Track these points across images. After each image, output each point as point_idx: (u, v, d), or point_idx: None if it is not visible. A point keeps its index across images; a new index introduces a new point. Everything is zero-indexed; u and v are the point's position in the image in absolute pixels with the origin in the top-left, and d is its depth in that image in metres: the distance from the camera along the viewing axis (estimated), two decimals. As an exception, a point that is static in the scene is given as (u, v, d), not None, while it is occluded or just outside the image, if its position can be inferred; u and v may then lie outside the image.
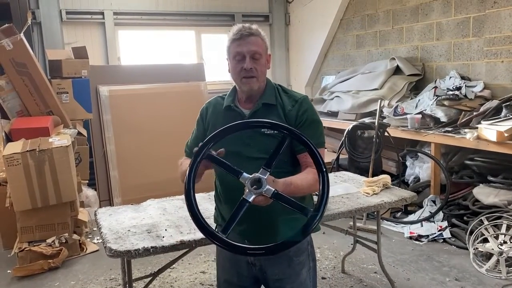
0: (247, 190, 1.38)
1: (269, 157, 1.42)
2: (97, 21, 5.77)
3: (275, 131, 1.58)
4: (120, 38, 6.04)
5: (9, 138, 3.95)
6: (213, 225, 1.92)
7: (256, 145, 1.63)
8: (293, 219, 1.64)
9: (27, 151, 3.53)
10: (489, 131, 3.53)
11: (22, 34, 4.13)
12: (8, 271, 3.52)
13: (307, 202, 1.75)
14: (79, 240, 3.82)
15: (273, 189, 1.38)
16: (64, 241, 3.68)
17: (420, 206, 4.24)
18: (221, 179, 1.76)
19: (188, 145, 1.85)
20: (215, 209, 1.88)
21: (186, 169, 1.44)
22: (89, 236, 4.17)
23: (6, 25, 4.10)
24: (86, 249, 3.85)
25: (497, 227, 3.37)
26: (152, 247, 2.08)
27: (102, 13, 5.75)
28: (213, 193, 1.90)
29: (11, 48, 4.03)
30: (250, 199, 1.37)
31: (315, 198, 1.96)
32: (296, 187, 1.52)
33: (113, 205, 4.72)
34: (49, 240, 3.64)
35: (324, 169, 1.41)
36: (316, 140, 1.67)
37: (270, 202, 1.40)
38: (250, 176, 1.38)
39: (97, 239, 4.06)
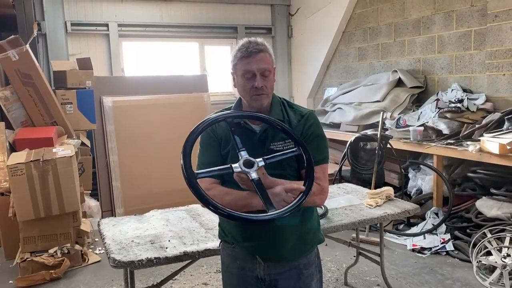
0: (248, 173, 1.47)
1: (273, 155, 1.53)
2: (102, 33, 5.83)
3: (286, 148, 1.64)
4: (124, 49, 6.09)
5: (13, 148, 3.98)
6: (218, 241, 1.92)
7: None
8: (304, 233, 1.68)
9: (31, 161, 3.55)
10: (492, 144, 3.53)
11: (27, 45, 4.17)
12: (10, 282, 3.51)
13: (310, 214, 1.76)
14: (81, 251, 3.81)
15: (257, 177, 1.47)
16: (66, 252, 3.67)
17: (423, 218, 4.23)
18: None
19: (205, 164, 1.67)
20: (219, 225, 1.84)
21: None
22: (91, 247, 4.17)
23: (12, 36, 4.15)
24: (88, 259, 3.84)
25: (501, 240, 3.36)
26: (155, 258, 2.08)
27: (107, 25, 5.81)
28: None
29: (17, 59, 4.07)
30: (234, 171, 1.47)
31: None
32: None
33: (115, 216, 4.72)
34: (51, 251, 3.64)
35: (310, 188, 1.50)
36: (321, 154, 1.69)
37: (248, 186, 1.48)
38: (239, 162, 1.49)
39: (99, 250, 4.05)
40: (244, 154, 1.50)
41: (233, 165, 1.48)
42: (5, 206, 3.73)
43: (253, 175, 1.46)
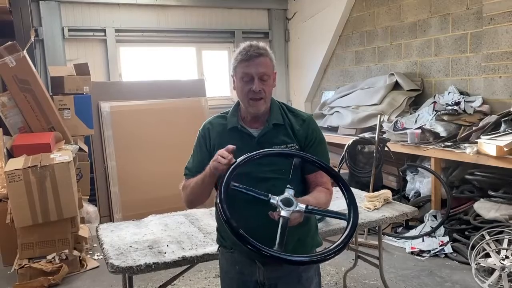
0: (280, 209, 1.43)
1: (290, 178, 1.53)
2: (99, 38, 5.84)
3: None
4: (121, 54, 6.09)
5: (10, 154, 3.96)
6: (216, 245, 1.91)
7: (268, 165, 1.63)
8: (303, 236, 1.70)
9: (29, 167, 3.54)
10: (489, 146, 3.55)
11: (25, 51, 4.17)
12: (8, 288, 3.50)
13: (311, 224, 1.78)
14: (80, 257, 3.80)
15: (305, 205, 1.46)
16: (64, 258, 3.66)
17: (421, 221, 4.23)
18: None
19: (189, 168, 1.79)
20: (217, 231, 1.84)
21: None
22: (90, 253, 4.15)
23: (10, 42, 4.15)
24: (87, 265, 3.82)
25: (499, 242, 3.36)
26: (154, 263, 2.08)
27: (104, 30, 5.82)
28: (213, 208, 1.87)
29: (14, 65, 4.06)
30: (289, 215, 1.43)
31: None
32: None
33: (113, 221, 4.70)
34: (49, 257, 3.63)
35: (350, 190, 1.56)
36: (326, 159, 1.74)
37: (303, 217, 1.48)
38: (280, 197, 1.46)
39: (98, 256, 4.03)
40: (276, 197, 1.46)
41: (282, 215, 1.42)
42: (3, 212, 3.72)
43: (301, 206, 1.45)
